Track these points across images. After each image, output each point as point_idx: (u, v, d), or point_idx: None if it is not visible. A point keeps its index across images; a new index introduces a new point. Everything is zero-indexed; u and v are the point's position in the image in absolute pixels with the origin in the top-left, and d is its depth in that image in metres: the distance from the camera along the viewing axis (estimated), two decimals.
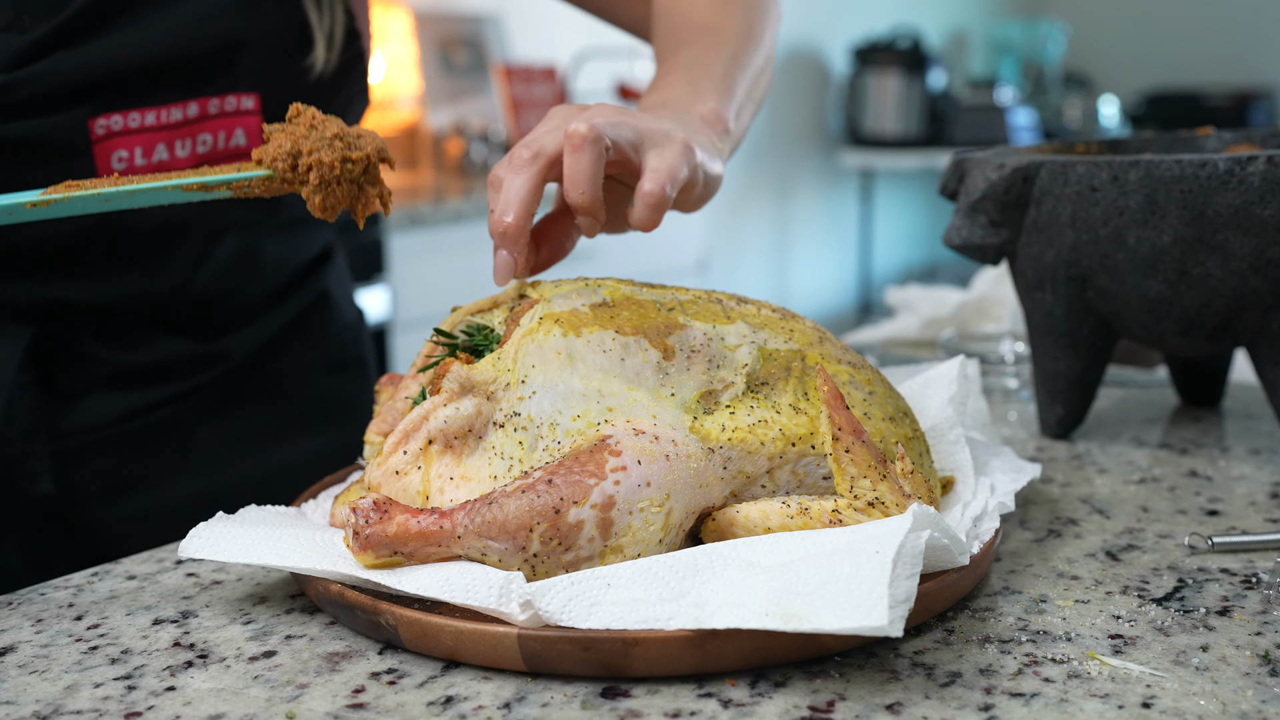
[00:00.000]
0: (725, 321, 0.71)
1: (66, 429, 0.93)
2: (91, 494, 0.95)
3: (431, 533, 0.60)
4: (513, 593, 0.57)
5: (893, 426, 0.68)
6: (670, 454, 0.62)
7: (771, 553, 0.58)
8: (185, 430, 0.98)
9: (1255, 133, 1.03)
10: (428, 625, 0.58)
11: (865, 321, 4.64)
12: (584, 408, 0.63)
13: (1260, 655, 0.57)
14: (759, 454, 0.64)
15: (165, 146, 0.88)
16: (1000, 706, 0.53)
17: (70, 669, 0.59)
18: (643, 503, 0.60)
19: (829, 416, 0.63)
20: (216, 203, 0.93)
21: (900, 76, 4.70)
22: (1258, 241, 0.82)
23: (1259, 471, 0.86)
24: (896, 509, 0.61)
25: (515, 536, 0.59)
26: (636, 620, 0.55)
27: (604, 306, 0.69)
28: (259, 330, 1.03)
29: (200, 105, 0.89)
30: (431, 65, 3.34)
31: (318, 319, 1.08)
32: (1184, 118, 5.02)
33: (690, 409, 0.65)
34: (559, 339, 0.65)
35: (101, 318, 0.94)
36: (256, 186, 0.67)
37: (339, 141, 0.67)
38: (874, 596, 0.52)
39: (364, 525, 0.61)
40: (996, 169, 0.90)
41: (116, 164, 0.86)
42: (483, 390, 0.65)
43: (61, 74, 0.83)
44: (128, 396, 0.96)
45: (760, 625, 0.53)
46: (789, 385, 0.67)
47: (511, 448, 0.63)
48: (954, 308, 1.33)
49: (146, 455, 0.97)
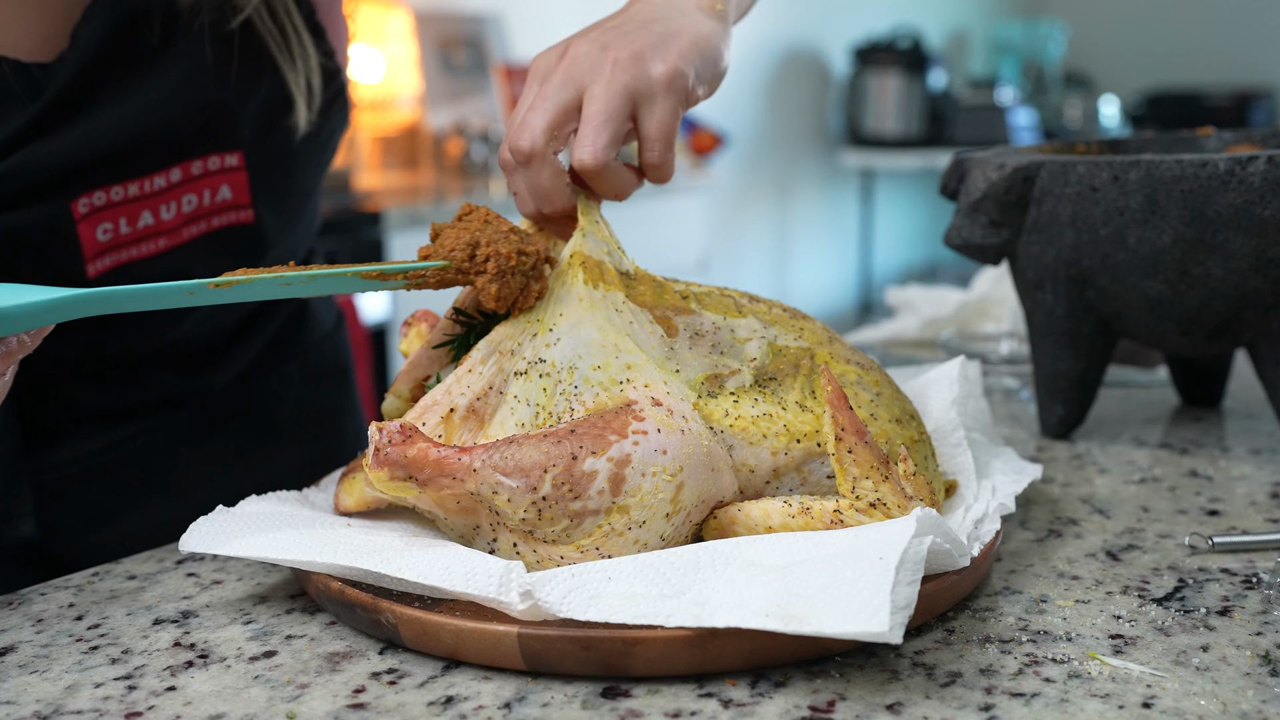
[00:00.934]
0: (737, 315, 0.71)
1: (47, 465, 0.91)
2: (73, 526, 0.92)
3: (449, 462, 0.61)
4: (512, 582, 0.57)
5: (899, 429, 0.68)
6: (684, 429, 0.62)
7: (773, 553, 0.58)
8: (166, 455, 0.97)
9: (1256, 132, 1.03)
10: (428, 623, 0.58)
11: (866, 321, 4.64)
12: (603, 359, 0.65)
13: (1260, 655, 0.57)
14: (761, 446, 0.64)
15: (150, 213, 0.86)
16: (1000, 706, 0.53)
17: (71, 669, 0.59)
18: (656, 468, 0.61)
19: (832, 416, 0.63)
20: (206, 260, 0.90)
21: (901, 76, 4.70)
22: (1258, 241, 0.82)
23: (1259, 471, 0.86)
24: (898, 510, 0.61)
25: (529, 475, 0.60)
26: (636, 615, 0.55)
27: (626, 275, 0.70)
28: (240, 356, 1.01)
29: (183, 169, 0.87)
30: (432, 65, 3.34)
31: (297, 332, 1.06)
32: (1184, 118, 5.02)
33: (695, 388, 0.66)
34: (581, 285, 0.67)
35: (84, 365, 0.92)
36: (432, 277, 0.68)
37: (514, 235, 0.69)
38: (876, 602, 0.52)
39: (385, 443, 0.61)
40: (997, 169, 0.90)
41: (101, 236, 0.84)
42: (507, 348, 0.66)
43: (40, 164, 0.80)
44: (110, 431, 0.94)
45: (761, 626, 0.53)
46: (797, 382, 0.68)
47: (535, 393, 0.64)
48: (954, 308, 1.33)
49: (127, 482, 0.95)
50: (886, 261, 5.36)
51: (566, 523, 0.60)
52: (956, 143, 4.68)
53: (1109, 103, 5.33)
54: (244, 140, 0.89)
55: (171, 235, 0.89)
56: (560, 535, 0.60)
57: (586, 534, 0.60)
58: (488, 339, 0.67)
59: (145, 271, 0.88)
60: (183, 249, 0.90)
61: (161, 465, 0.97)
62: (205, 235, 0.91)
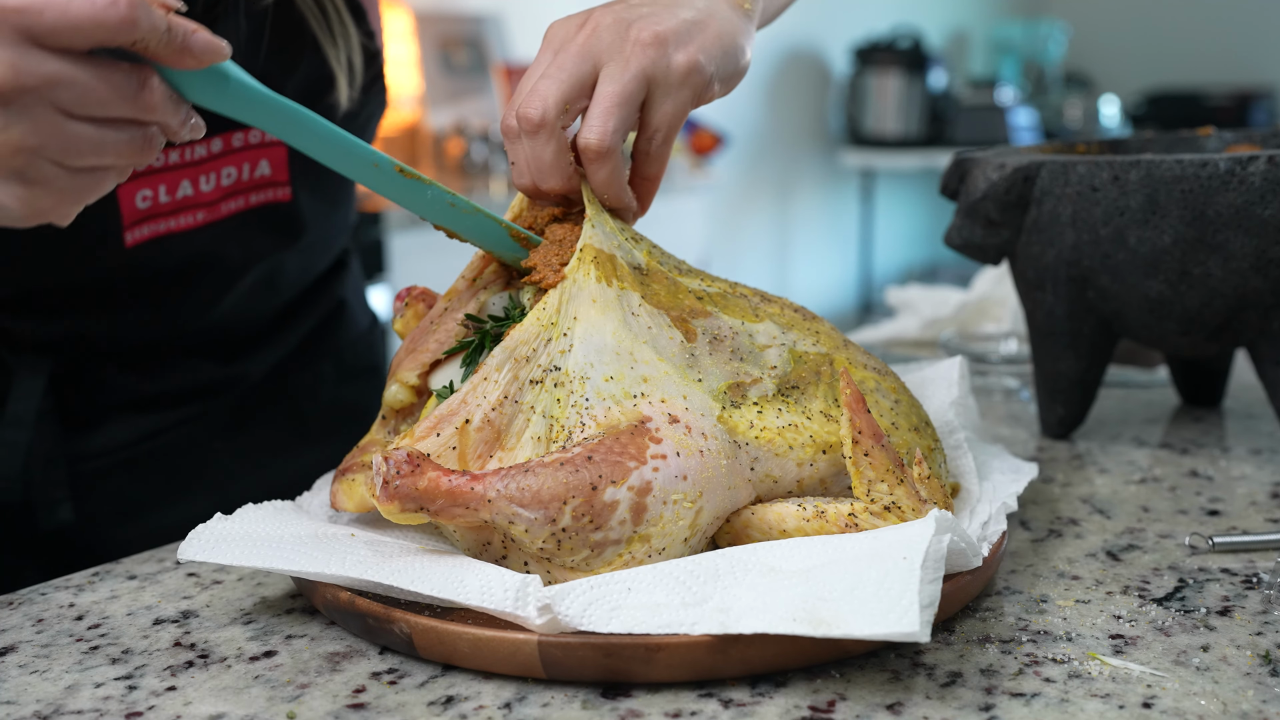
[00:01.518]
0: (754, 319, 0.69)
1: (83, 453, 0.92)
2: (108, 515, 0.94)
3: (462, 492, 0.58)
4: (530, 596, 0.55)
5: (917, 437, 0.68)
6: (704, 449, 0.61)
7: (794, 558, 0.58)
8: (200, 448, 0.98)
9: (1256, 132, 1.03)
10: (444, 632, 0.57)
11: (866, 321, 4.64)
12: (617, 369, 0.62)
13: (1261, 655, 0.57)
14: (787, 458, 0.63)
15: (189, 182, 0.87)
16: (1001, 706, 0.53)
17: (71, 669, 0.59)
18: (677, 495, 0.59)
19: (850, 419, 0.62)
20: (243, 238, 0.92)
21: (901, 76, 4.70)
22: (1258, 241, 0.82)
23: (1260, 471, 0.86)
24: (913, 514, 0.60)
25: (548, 507, 0.58)
26: (660, 625, 0.54)
27: (639, 270, 0.68)
28: (276, 347, 1.02)
29: (224, 140, 0.88)
30: (432, 65, 3.34)
31: (333, 329, 1.07)
32: (1185, 117, 5.02)
33: (719, 398, 0.64)
34: (594, 284, 0.64)
35: (121, 348, 0.93)
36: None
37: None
38: (904, 603, 0.52)
39: (394, 475, 0.58)
40: (997, 169, 0.90)
41: (141, 203, 0.85)
42: (522, 354, 0.64)
43: None
44: (145, 419, 0.95)
45: (788, 630, 0.52)
46: (819, 390, 0.66)
47: (549, 404, 0.62)
48: (955, 308, 1.33)
49: (162, 474, 0.96)
50: (887, 261, 5.36)
51: (587, 553, 0.59)
52: (957, 143, 4.68)
53: (1109, 103, 5.33)
54: None
55: (210, 209, 0.89)
56: (579, 564, 0.59)
57: (606, 563, 0.59)
58: (503, 345, 0.64)
59: (181, 246, 0.89)
60: (220, 224, 0.90)
61: (196, 458, 0.98)
62: (243, 212, 0.92)
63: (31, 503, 0.90)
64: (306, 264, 1.02)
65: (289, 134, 0.62)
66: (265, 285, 0.98)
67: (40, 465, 0.90)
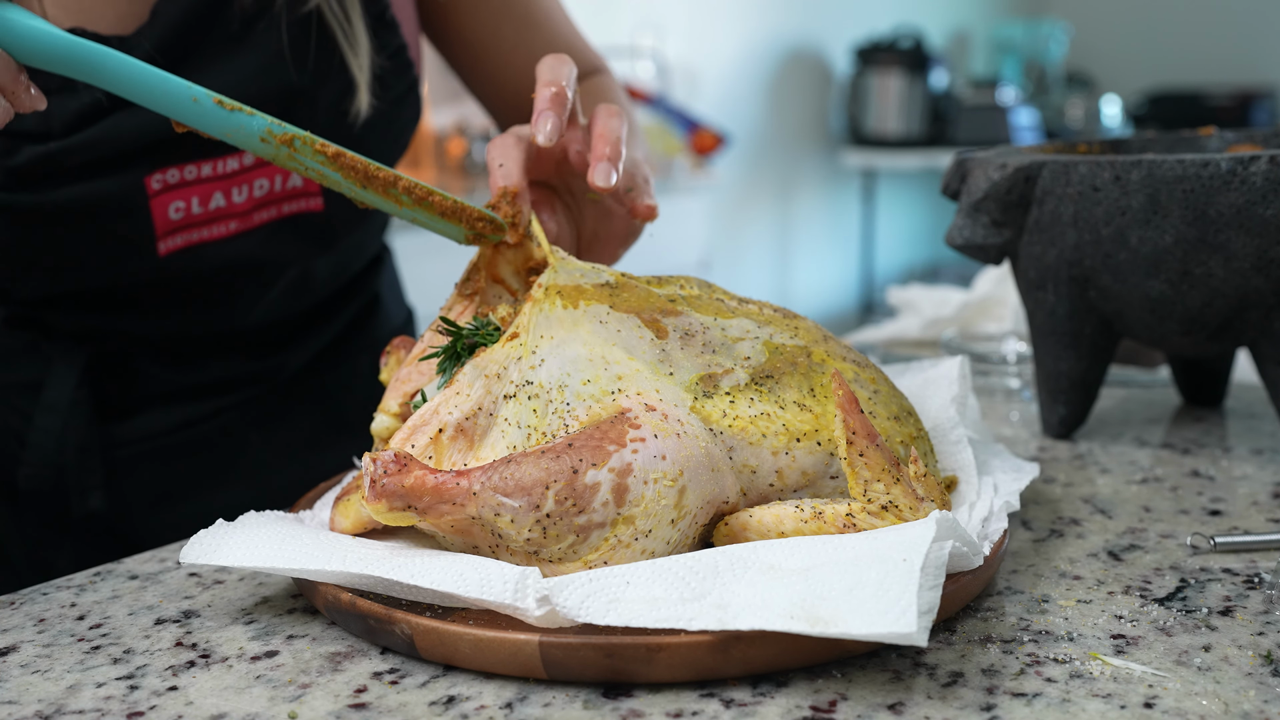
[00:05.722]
0: (728, 316, 0.71)
1: (118, 441, 0.93)
2: (142, 503, 0.95)
3: (447, 488, 0.60)
4: (529, 588, 0.56)
5: (897, 425, 0.68)
6: (680, 433, 0.62)
7: (793, 556, 0.58)
8: (235, 439, 0.98)
9: (1257, 132, 1.03)
10: (445, 633, 0.57)
11: (867, 321, 4.64)
12: (592, 372, 0.64)
13: (1262, 655, 0.57)
14: (761, 446, 0.64)
15: (222, 194, 0.88)
16: (1002, 707, 0.53)
17: (72, 669, 0.59)
18: (657, 474, 0.60)
19: (843, 420, 0.62)
20: (275, 246, 0.93)
21: (902, 76, 4.70)
22: (1260, 241, 0.82)
23: (1261, 471, 0.86)
24: (910, 513, 0.61)
25: (531, 493, 0.59)
26: (657, 619, 0.55)
27: (606, 286, 0.70)
28: (311, 343, 1.03)
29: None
30: (433, 65, 3.34)
31: (368, 323, 1.08)
32: (1186, 117, 5.02)
33: (690, 389, 0.65)
34: (560, 310, 0.66)
35: (158, 343, 0.94)
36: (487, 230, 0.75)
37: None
38: (902, 604, 0.52)
39: (381, 475, 0.60)
40: (999, 169, 0.90)
41: (173, 214, 0.86)
42: (493, 371, 0.65)
43: (118, 137, 0.82)
44: (180, 409, 0.96)
45: (785, 628, 0.52)
46: (794, 380, 0.67)
47: (525, 415, 0.63)
48: (956, 308, 1.33)
49: (197, 464, 0.97)
50: (888, 261, 5.36)
51: (573, 538, 0.59)
52: (958, 143, 4.67)
53: (1111, 103, 5.32)
54: (317, 127, 0.90)
55: (243, 219, 0.90)
56: (567, 552, 0.60)
57: (593, 548, 0.59)
58: (474, 363, 0.66)
59: (214, 254, 0.90)
60: (253, 233, 0.91)
61: (230, 449, 0.98)
62: (275, 221, 0.92)
63: (65, 489, 0.91)
64: (340, 266, 1.03)
65: (95, 76, 0.63)
66: (299, 287, 0.99)
67: (74, 452, 0.91)
